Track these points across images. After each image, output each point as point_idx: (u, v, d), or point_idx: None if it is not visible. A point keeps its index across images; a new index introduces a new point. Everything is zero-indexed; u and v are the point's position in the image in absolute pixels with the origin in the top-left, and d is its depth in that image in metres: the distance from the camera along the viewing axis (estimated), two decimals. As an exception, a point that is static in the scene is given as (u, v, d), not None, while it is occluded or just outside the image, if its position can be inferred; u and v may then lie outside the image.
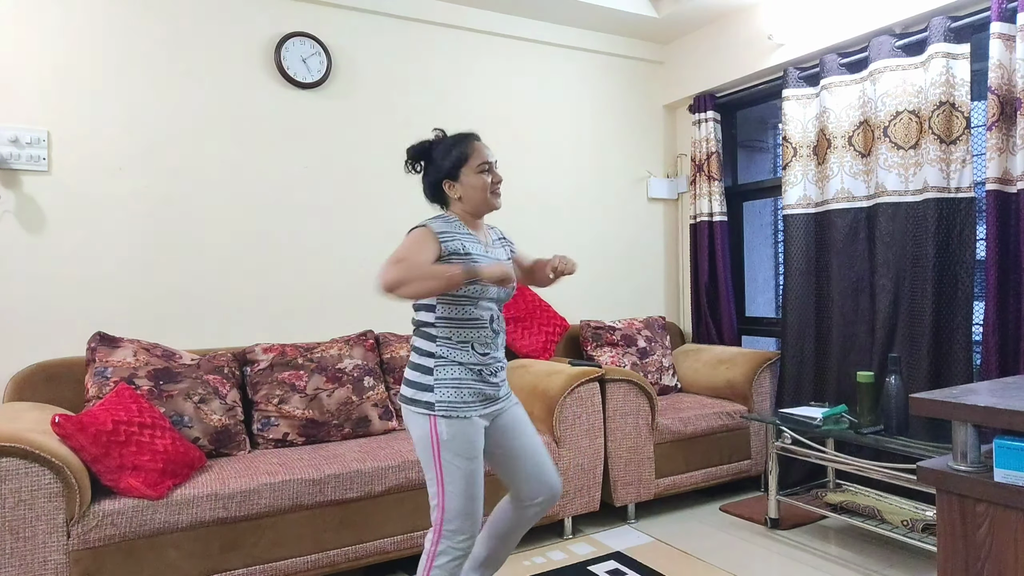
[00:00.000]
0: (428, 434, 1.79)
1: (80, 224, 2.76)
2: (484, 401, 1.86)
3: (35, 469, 1.92)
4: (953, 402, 1.35)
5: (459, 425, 1.79)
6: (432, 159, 1.92)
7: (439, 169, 1.90)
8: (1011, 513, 1.28)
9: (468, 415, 1.81)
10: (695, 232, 4.08)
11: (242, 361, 2.81)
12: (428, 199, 1.97)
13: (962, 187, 2.82)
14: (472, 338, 1.84)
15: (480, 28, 3.63)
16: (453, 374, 1.82)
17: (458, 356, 1.83)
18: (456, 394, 1.80)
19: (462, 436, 1.79)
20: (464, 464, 1.79)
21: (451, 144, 1.90)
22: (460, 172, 1.88)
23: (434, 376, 1.81)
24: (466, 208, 1.91)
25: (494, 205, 1.92)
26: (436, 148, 1.92)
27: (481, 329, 1.85)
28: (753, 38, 3.67)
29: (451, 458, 1.78)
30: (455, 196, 1.91)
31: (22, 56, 2.67)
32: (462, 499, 1.78)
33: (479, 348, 1.85)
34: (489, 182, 1.90)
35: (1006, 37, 2.62)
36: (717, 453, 3.30)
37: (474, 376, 1.84)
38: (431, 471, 1.80)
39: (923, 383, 2.88)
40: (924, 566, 2.56)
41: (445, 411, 1.79)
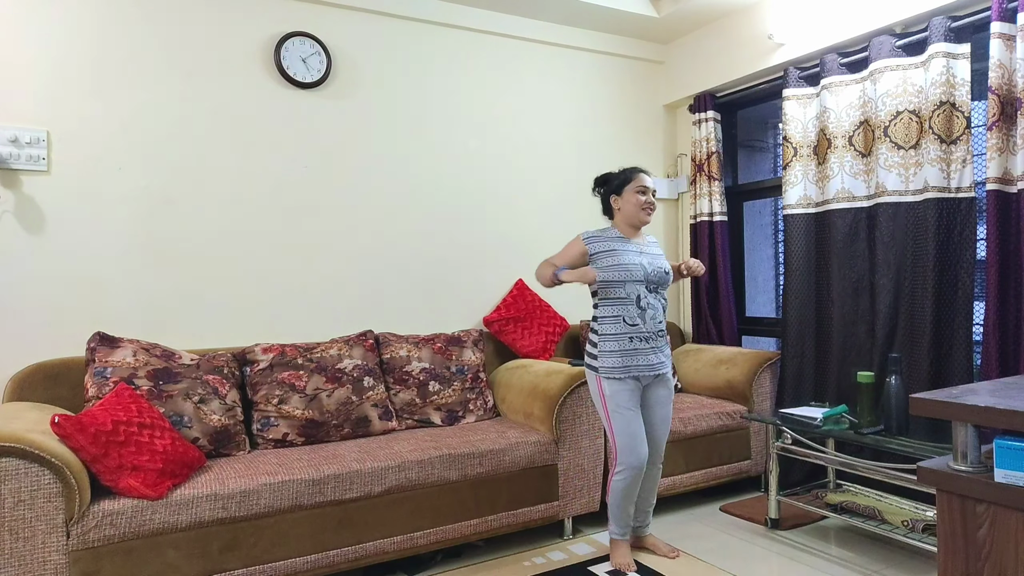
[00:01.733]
0: (597, 389, 2.52)
1: (79, 224, 2.76)
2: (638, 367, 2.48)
3: (35, 469, 1.92)
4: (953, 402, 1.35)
5: (616, 385, 2.48)
6: (608, 183, 2.63)
7: (610, 187, 2.62)
8: (1011, 513, 1.27)
9: (621, 377, 2.47)
10: (695, 232, 4.08)
11: (242, 361, 2.81)
12: (603, 212, 2.68)
13: (962, 187, 2.82)
14: (622, 313, 2.49)
15: (480, 28, 3.63)
16: (610, 346, 2.49)
17: (612, 329, 2.49)
18: (613, 360, 2.48)
19: (618, 393, 2.48)
20: (621, 412, 2.48)
21: (623, 171, 2.61)
22: (624, 190, 2.56)
23: (598, 348, 2.52)
24: (623, 219, 2.59)
25: (643, 220, 2.56)
26: (613, 175, 2.63)
27: (628, 306, 2.49)
28: (753, 38, 3.67)
29: (613, 407, 2.49)
30: (617, 208, 2.59)
31: (22, 56, 2.67)
32: (623, 436, 2.48)
33: (628, 320, 2.48)
34: (642, 201, 2.54)
35: (1006, 37, 2.62)
36: (717, 453, 3.29)
37: (626, 345, 2.47)
38: (603, 418, 2.55)
39: (923, 383, 2.87)
40: (924, 566, 2.55)
41: (606, 373, 2.49)
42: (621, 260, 2.49)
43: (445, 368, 3.11)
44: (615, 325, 2.48)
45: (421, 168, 3.49)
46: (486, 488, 2.66)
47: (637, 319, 2.48)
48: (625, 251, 2.51)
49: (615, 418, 2.48)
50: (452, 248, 3.56)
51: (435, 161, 3.53)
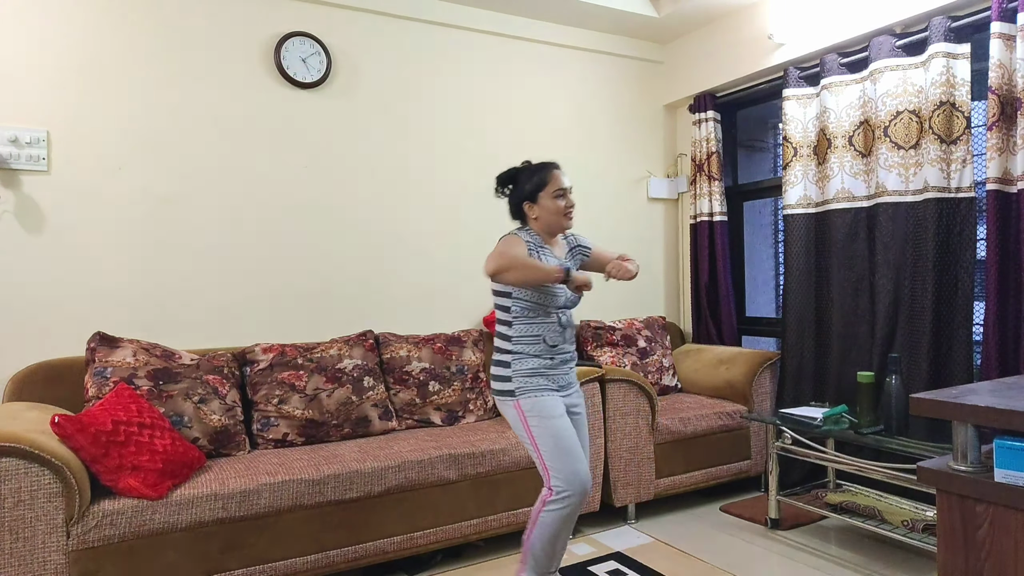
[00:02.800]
0: (517, 416, 2.10)
1: (80, 224, 2.76)
2: (556, 388, 2.14)
3: (35, 469, 1.92)
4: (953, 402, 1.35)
5: (536, 398, 2.09)
6: (517, 183, 2.21)
7: (521, 192, 2.19)
8: (1011, 513, 1.27)
9: (542, 393, 2.10)
10: (695, 232, 4.08)
11: (242, 361, 2.81)
12: (511, 216, 2.26)
13: (962, 187, 2.82)
14: (543, 332, 2.13)
15: (480, 28, 3.63)
16: (527, 365, 2.11)
17: (529, 348, 2.12)
18: (530, 381, 2.10)
19: (541, 403, 2.08)
20: (548, 422, 2.06)
21: (533, 171, 2.19)
22: (539, 196, 2.16)
23: (512, 369, 2.11)
24: (541, 227, 2.20)
25: (565, 226, 2.21)
26: (521, 174, 2.21)
27: (550, 324, 2.13)
28: (753, 38, 3.67)
29: (536, 423, 2.07)
30: (533, 216, 2.19)
31: (22, 56, 2.67)
32: (556, 451, 2.04)
33: (549, 341, 2.13)
34: (563, 206, 2.17)
35: (1006, 37, 2.62)
36: (717, 453, 3.29)
37: (545, 365, 2.12)
38: (527, 442, 2.09)
39: (923, 383, 2.87)
40: (924, 566, 2.55)
41: (523, 393, 2.10)
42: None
43: (445, 368, 3.11)
44: (534, 346, 2.11)
45: (421, 167, 3.49)
46: (486, 488, 2.66)
47: (558, 338, 2.14)
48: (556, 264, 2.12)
49: (541, 433, 2.05)
50: (452, 247, 3.56)
51: (435, 160, 3.53)
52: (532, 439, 2.08)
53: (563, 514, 2.03)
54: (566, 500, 2.02)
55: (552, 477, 2.04)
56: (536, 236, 2.19)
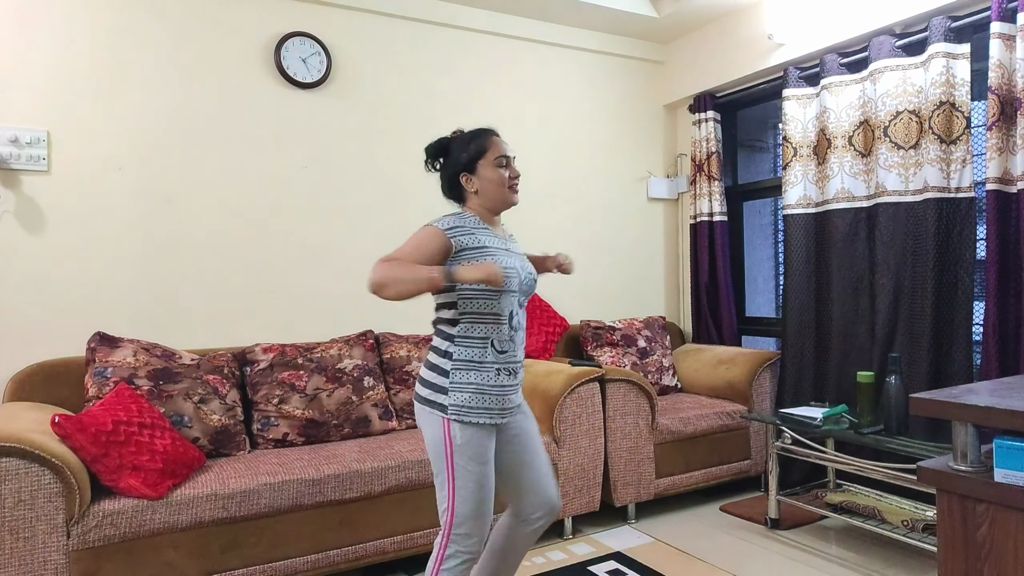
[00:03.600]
0: (441, 436, 1.75)
1: (80, 224, 2.76)
2: (501, 410, 1.80)
3: (35, 469, 1.92)
4: (953, 402, 1.35)
5: (473, 430, 1.75)
6: (450, 154, 1.88)
7: (456, 162, 1.86)
8: (1011, 513, 1.28)
9: (482, 421, 1.76)
10: (695, 232, 4.08)
11: (242, 361, 2.81)
12: (445, 195, 1.93)
13: (962, 187, 2.82)
14: (492, 335, 1.78)
15: (480, 28, 3.63)
16: (469, 378, 1.76)
17: (476, 355, 1.77)
18: (472, 399, 1.75)
19: (476, 440, 1.75)
20: (476, 468, 1.75)
21: (469, 138, 1.87)
22: (477, 165, 1.84)
23: (450, 379, 1.76)
24: (483, 203, 1.87)
25: (511, 200, 1.88)
26: (454, 143, 1.89)
27: (501, 326, 1.79)
28: (753, 38, 3.67)
29: (464, 462, 1.74)
30: (472, 190, 1.86)
31: (22, 56, 2.67)
32: (473, 502, 1.74)
33: (498, 346, 1.79)
34: (506, 176, 1.85)
35: (1006, 37, 2.62)
36: (717, 453, 3.30)
37: (492, 377, 1.78)
38: (442, 474, 1.76)
39: (923, 383, 2.87)
40: (924, 566, 2.55)
41: (459, 415, 1.74)
42: (496, 259, 1.79)
43: (445, 368, 3.10)
44: (480, 351, 1.77)
45: (421, 167, 3.48)
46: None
47: (508, 343, 1.80)
48: (495, 249, 1.81)
49: (464, 475, 1.73)
50: (452, 248, 3.56)
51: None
52: (452, 476, 1.74)
53: (466, 567, 1.74)
54: (470, 550, 1.74)
55: (457, 524, 1.74)
56: (473, 218, 1.84)
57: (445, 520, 1.76)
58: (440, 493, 1.77)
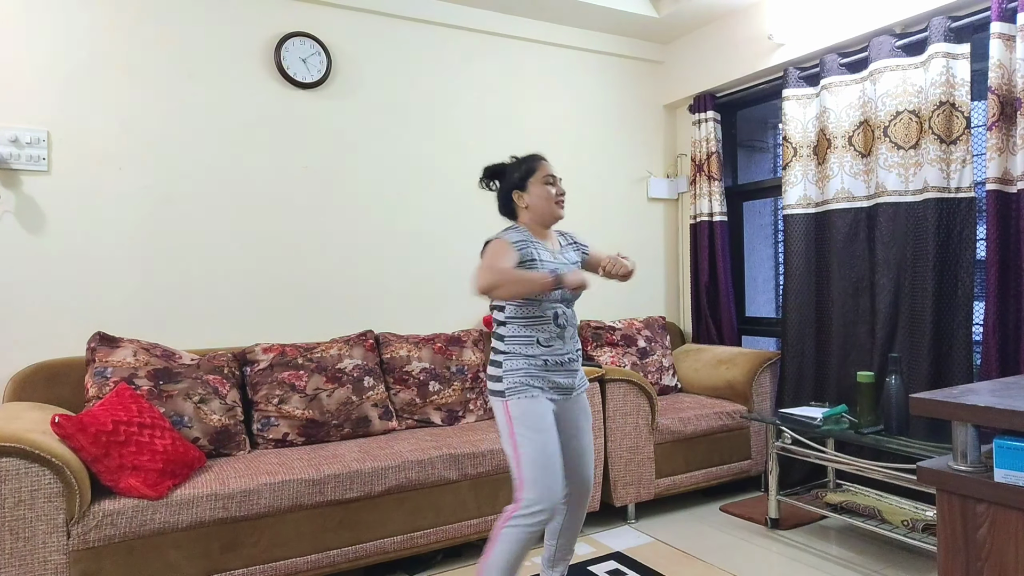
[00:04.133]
0: (505, 416, 2.02)
1: (80, 224, 2.76)
2: (552, 388, 2.06)
3: (35, 469, 1.92)
4: (953, 402, 1.35)
5: (526, 402, 2.00)
6: (505, 175, 2.17)
7: (510, 182, 2.15)
8: (1011, 513, 1.28)
9: (533, 394, 2.01)
10: (695, 232, 4.08)
11: (242, 361, 2.81)
12: (500, 212, 2.21)
13: (962, 187, 2.82)
14: (536, 334, 2.05)
15: (480, 28, 3.63)
16: (518, 364, 2.03)
17: (523, 349, 2.04)
18: (522, 379, 2.02)
19: (530, 411, 1.99)
20: (533, 435, 1.97)
21: (521, 162, 2.16)
22: (527, 183, 2.12)
23: (503, 368, 2.05)
24: (533, 217, 2.13)
25: (557, 214, 2.13)
26: (508, 166, 2.18)
27: (545, 325, 2.06)
28: (753, 38, 3.67)
29: (522, 431, 1.98)
30: (523, 205, 2.13)
31: (22, 56, 2.67)
32: (533, 468, 1.95)
33: (544, 342, 2.06)
34: (553, 193, 2.12)
35: (1006, 37, 2.62)
36: (717, 453, 3.30)
37: (539, 366, 2.04)
38: (508, 447, 2.01)
39: (923, 383, 2.87)
40: (924, 566, 2.56)
41: (513, 394, 2.01)
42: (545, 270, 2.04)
43: (445, 368, 3.11)
44: (527, 347, 2.04)
45: (421, 168, 3.49)
46: (486, 487, 2.66)
47: (555, 340, 2.07)
48: (544, 261, 2.07)
49: (524, 443, 1.97)
50: (452, 248, 3.56)
51: (435, 161, 3.53)
52: (514, 446, 1.99)
53: (528, 532, 1.93)
54: (535, 516, 1.93)
55: (525, 489, 1.95)
56: (526, 231, 2.11)
57: (516, 490, 1.99)
58: (512, 468, 2.02)
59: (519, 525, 1.93)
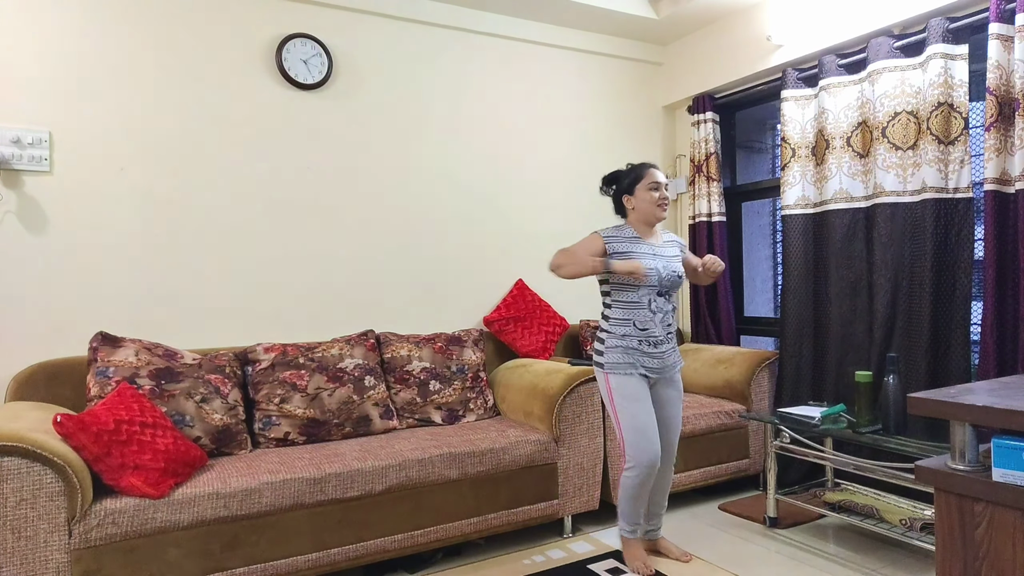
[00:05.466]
0: (606, 386, 2.49)
1: (82, 224, 2.76)
2: (644, 367, 2.47)
3: (37, 468, 1.93)
4: (951, 402, 1.36)
5: (623, 379, 2.46)
6: (619, 180, 2.60)
7: (621, 186, 2.58)
8: (1009, 512, 1.28)
9: (629, 372, 2.45)
10: (694, 232, 4.09)
11: (243, 361, 2.81)
12: (615, 211, 2.64)
13: (960, 187, 2.83)
14: (632, 317, 2.46)
15: (480, 30, 3.64)
16: (618, 342, 2.47)
17: (622, 329, 2.47)
18: (619, 356, 2.46)
19: (626, 385, 2.45)
20: (628, 404, 2.44)
21: (632, 169, 2.57)
22: (635, 188, 2.53)
23: (605, 345, 2.49)
24: (638, 217, 2.55)
25: (659, 216, 2.53)
26: (622, 173, 2.60)
27: (640, 309, 2.46)
28: (752, 39, 3.68)
29: (620, 400, 2.46)
30: (630, 207, 2.56)
31: (23, 57, 2.67)
32: (630, 432, 2.44)
33: (639, 324, 2.46)
34: (656, 198, 2.50)
35: (1004, 38, 2.63)
36: (716, 452, 3.31)
37: (634, 346, 2.45)
38: (610, 412, 2.50)
39: (921, 383, 2.89)
40: (922, 565, 2.57)
41: (612, 369, 2.47)
42: (643, 263, 2.43)
43: (445, 367, 3.12)
44: (624, 327, 2.46)
45: (422, 168, 3.50)
46: (486, 487, 2.67)
47: (648, 323, 2.46)
48: (640, 253, 2.47)
49: (622, 411, 2.45)
50: (453, 248, 3.57)
51: (435, 161, 3.53)
52: (614, 413, 2.47)
53: (634, 480, 2.45)
54: (635, 469, 2.44)
55: (626, 448, 2.45)
56: (628, 229, 2.54)
57: (621, 449, 2.50)
58: (616, 432, 2.51)
59: (627, 476, 2.47)
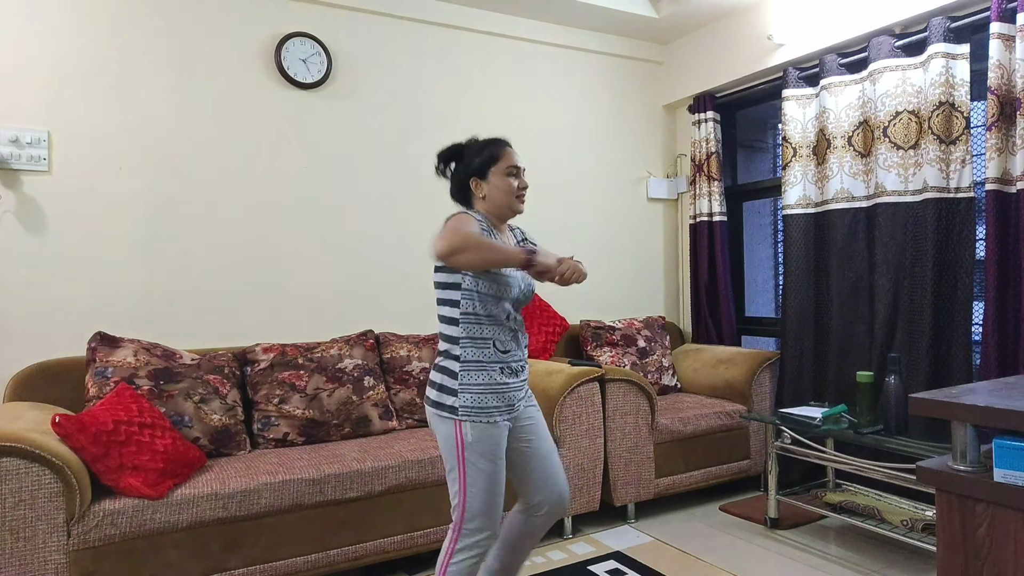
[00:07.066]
0: (453, 435, 1.79)
1: (80, 224, 2.76)
2: (508, 406, 1.85)
3: (35, 469, 1.92)
4: (952, 402, 1.35)
5: (483, 428, 1.79)
6: (463, 158, 1.94)
7: (468, 167, 1.92)
8: (1010, 513, 1.28)
9: (493, 420, 1.81)
10: (695, 232, 4.08)
11: (242, 361, 2.81)
12: (453, 198, 1.98)
13: (961, 187, 2.82)
14: (493, 335, 1.84)
15: (480, 29, 3.63)
16: (477, 379, 1.81)
17: (480, 355, 1.82)
18: (481, 399, 1.80)
19: (487, 439, 1.79)
20: (487, 465, 1.79)
21: (483, 145, 1.93)
22: (488, 171, 1.90)
23: (459, 380, 1.80)
24: (489, 208, 1.91)
25: (517, 209, 1.93)
26: (468, 148, 1.95)
27: (499, 326, 1.84)
28: (753, 38, 3.67)
29: (475, 459, 1.79)
30: (480, 195, 1.91)
31: (22, 56, 2.67)
32: (483, 498, 1.79)
33: (500, 346, 1.85)
34: (515, 186, 1.91)
35: (1006, 37, 2.62)
36: (717, 453, 3.30)
37: (497, 376, 1.83)
38: (454, 471, 1.81)
39: (922, 383, 2.88)
40: (923, 566, 2.56)
41: (469, 415, 1.78)
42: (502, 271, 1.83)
43: (445, 368, 3.11)
44: (483, 351, 1.82)
45: (421, 168, 3.49)
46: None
47: (510, 343, 1.86)
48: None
49: (474, 472, 1.78)
50: (452, 248, 3.56)
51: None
52: (462, 473, 1.79)
53: (475, 562, 1.79)
54: (479, 545, 1.79)
55: (468, 519, 1.78)
56: (486, 220, 1.90)
57: (456, 515, 1.80)
58: (452, 489, 1.82)
59: (468, 556, 1.78)
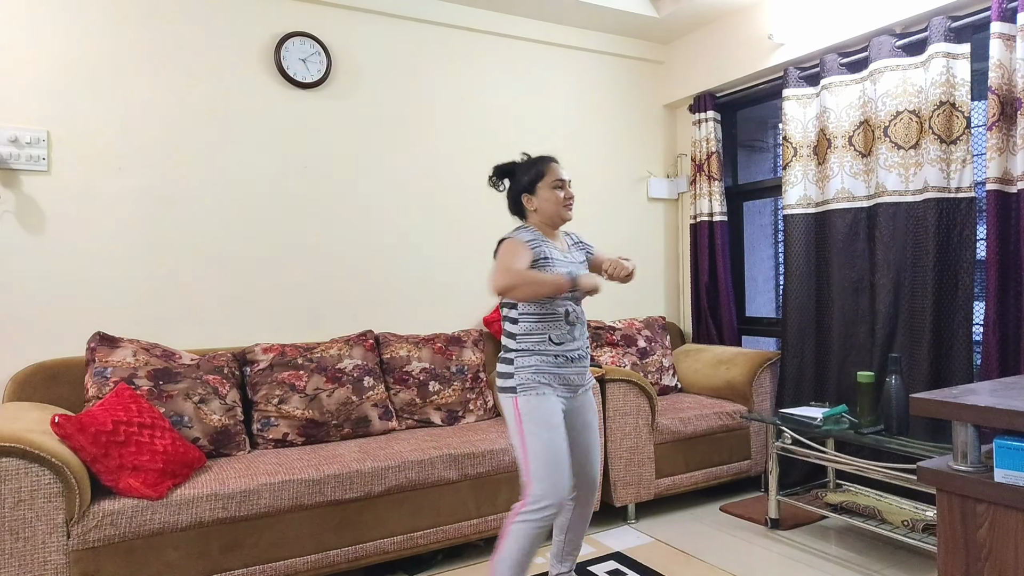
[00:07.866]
0: (514, 412, 2.03)
1: (80, 224, 2.76)
2: (563, 384, 2.08)
3: (35, 469, 1.92)
4: (953, 402, 1.35)
5: (536, 400, 2.02)
6: (515, 176, 2.19)
7: (519, 184, 2.17)
8: (1011, 513, 1.28)
9: (544, 392, 2.03)
10: (695, 232, 4.08)
11: (242, 361, 2.81)
12: (510, 211, 2.23)
13: (962, 187, 2.82)
14: (548, 330, 2.07)
15: (480, 28, 3.63)
16: (530, 361, 2.04)
17: (535, 346, 2.06)
18: (534, 377, 2.03)
19: (540, 408, 2.01)
20: (542, 432, 1.99)
21: (531, 163, 2.17)
22: (537, 187, 2.14)
23: (514, 364, 2.06)
24: (541, 219, 2.16)
25: (565, 217, 2.16)
26: (519, 167, 2.19)
27: (556, 322, 2.07)
28: (753, 38, 3.67)
29: (532, 428, 2.00)
30: (532, 208, 2.16)
31: (22, 56, 2.67)
32: (542, 465, 1.98)
33: (555, 339, 2.07)
34: (562, 197, 2.13)
35: (1006, 37, 2.62)
36: (717, 453, 3.30)
37: (550, 363, 2.05)
38: (517, 443, 2.03)
39: (923, 383, 2.87)
40: (924, 566, 2.55)
41: (523, 390, 2.03)
42: (556, 269, 2.08)
43: (445, 368, 3.11)
44: (540, 343, 2.05)
45: (421, 168, 3.49)
46: (486, 488, 2.66)
47: (566, 336, 2.08)
48: (557, 260, 2.11)
49: (532, 439, 1.99)
50: (452, 248, 3.56)
51: (435, 161, 3.53)
52: (523, 441, 2.01)
53: (537, 527, 1.96)
54: (542, 512, 1.96)
55: (533, 484, 1.98)
56: (538, 232, 2.14)
57: (524, 485, 2.01)
58: (519, 463, 2.04)
59: (528, 520, 1.96)
